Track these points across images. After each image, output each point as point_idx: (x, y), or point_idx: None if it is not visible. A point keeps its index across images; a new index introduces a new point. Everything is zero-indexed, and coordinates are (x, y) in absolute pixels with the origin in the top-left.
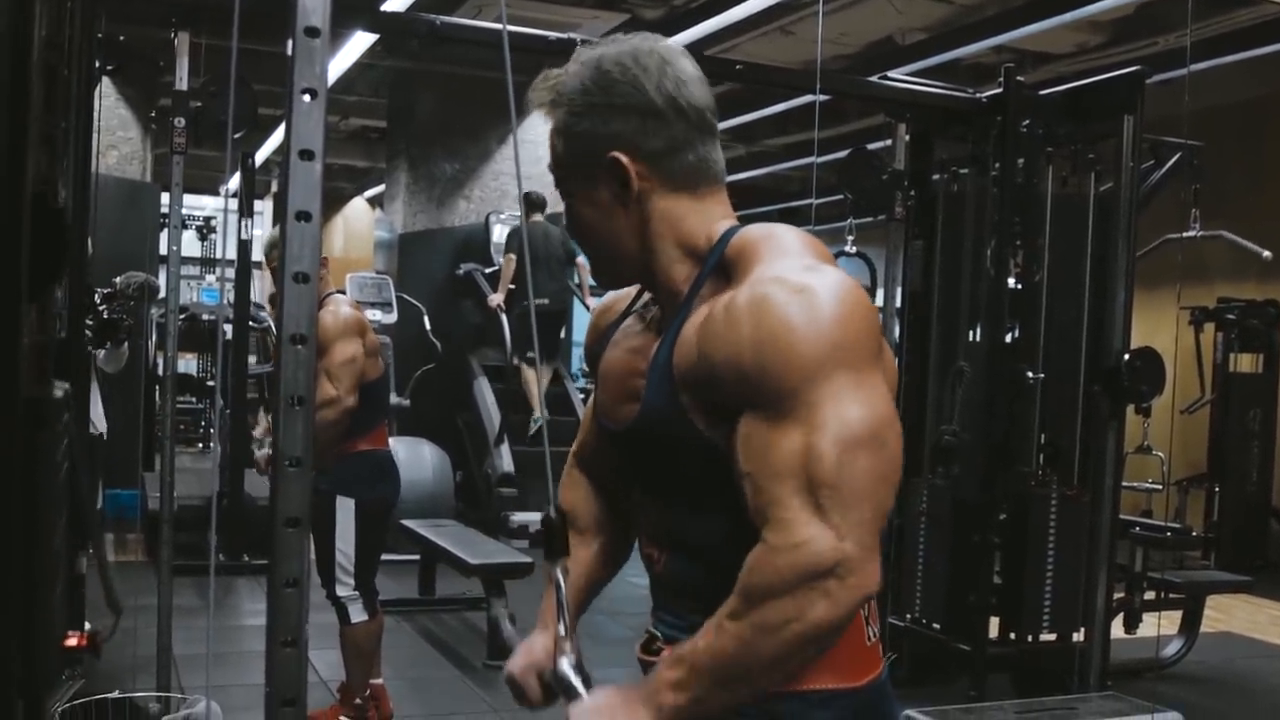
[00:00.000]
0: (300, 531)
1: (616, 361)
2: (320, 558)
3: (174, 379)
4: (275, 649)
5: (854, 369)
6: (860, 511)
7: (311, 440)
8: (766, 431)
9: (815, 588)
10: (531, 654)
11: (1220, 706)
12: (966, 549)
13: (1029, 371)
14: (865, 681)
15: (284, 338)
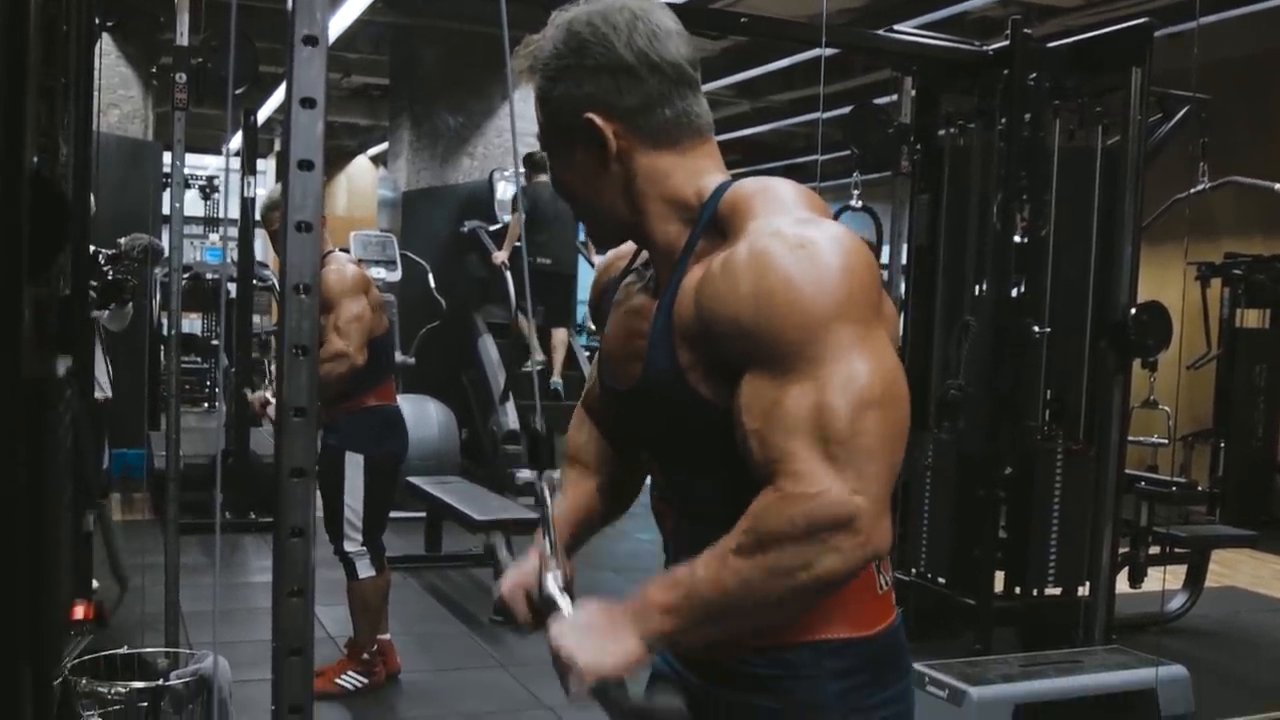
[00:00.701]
0: (305, 482)
1: (618, 323)
2: (328, 513)
3: (178, 338)
4: (281, 599)
5: (858, 323)
6: (874, 468)
7: (316, 391)
8: (772, 388)
9: (827, 540)
10: (522, 574)
11: (1224, 660)
12: (972, 504)
13: (1035, 326)
14: (877, 630)
15: (287, 287)
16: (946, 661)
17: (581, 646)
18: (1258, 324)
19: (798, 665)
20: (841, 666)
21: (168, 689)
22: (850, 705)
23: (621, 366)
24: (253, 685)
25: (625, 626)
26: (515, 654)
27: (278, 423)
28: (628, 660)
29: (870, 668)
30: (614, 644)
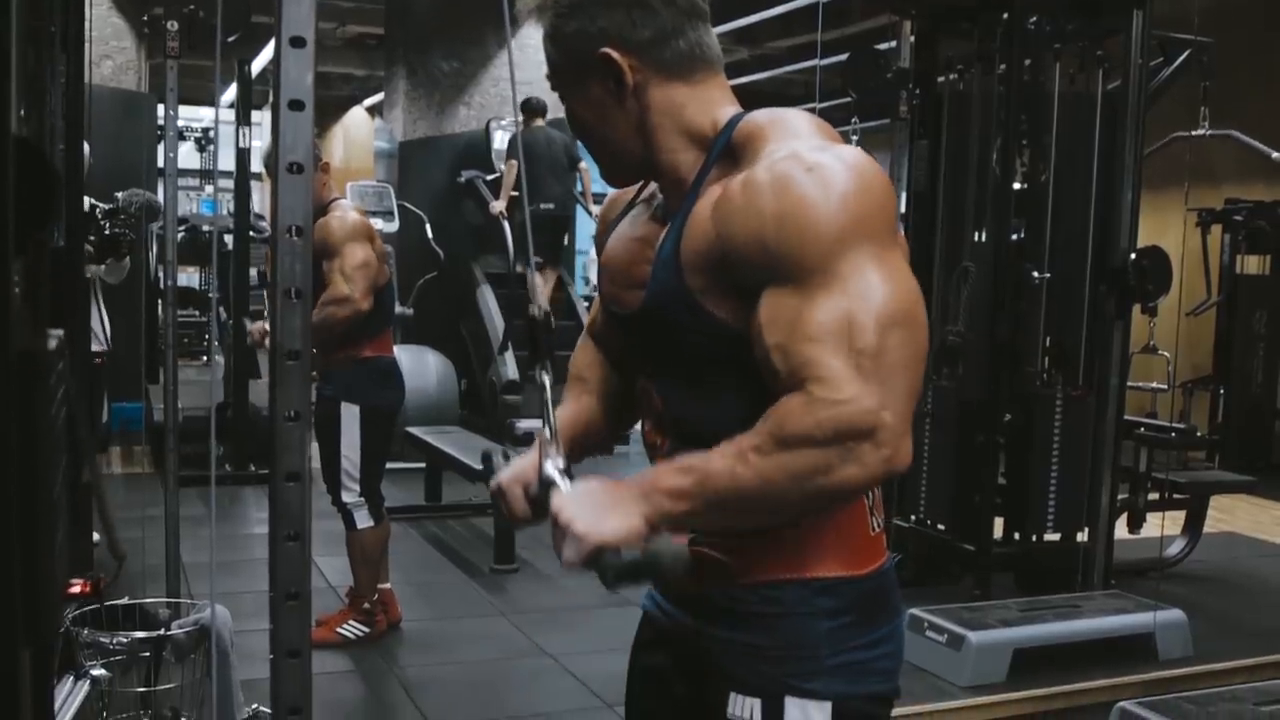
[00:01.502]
0: (300, 425)
1: (622, 249)
2: (326, 465)
3: (175, 291)
4: (278, 544)
5: (877, 242)
6: (899, 385)
7: (310, 334)
8: (796, 303)
9: (851, 448)
10: (518, 469)
11: (1223, 605)
12: (971, 450)
13: (1035, 272)
14: (869, 570)
15: (280, 229)
16: (945, 607)
17: (582, 514)
18: (1258, 270)
19: (789, 602)
20: (832, 605)
21: (169, 639)
22: (840, 643)
23: (625, 291)
24: (254, 635)
25: (630, 502)
26: (516, 602)
27: (272, 367)
28: (629, 531)
29: (861, 607)
30: (617, 514)
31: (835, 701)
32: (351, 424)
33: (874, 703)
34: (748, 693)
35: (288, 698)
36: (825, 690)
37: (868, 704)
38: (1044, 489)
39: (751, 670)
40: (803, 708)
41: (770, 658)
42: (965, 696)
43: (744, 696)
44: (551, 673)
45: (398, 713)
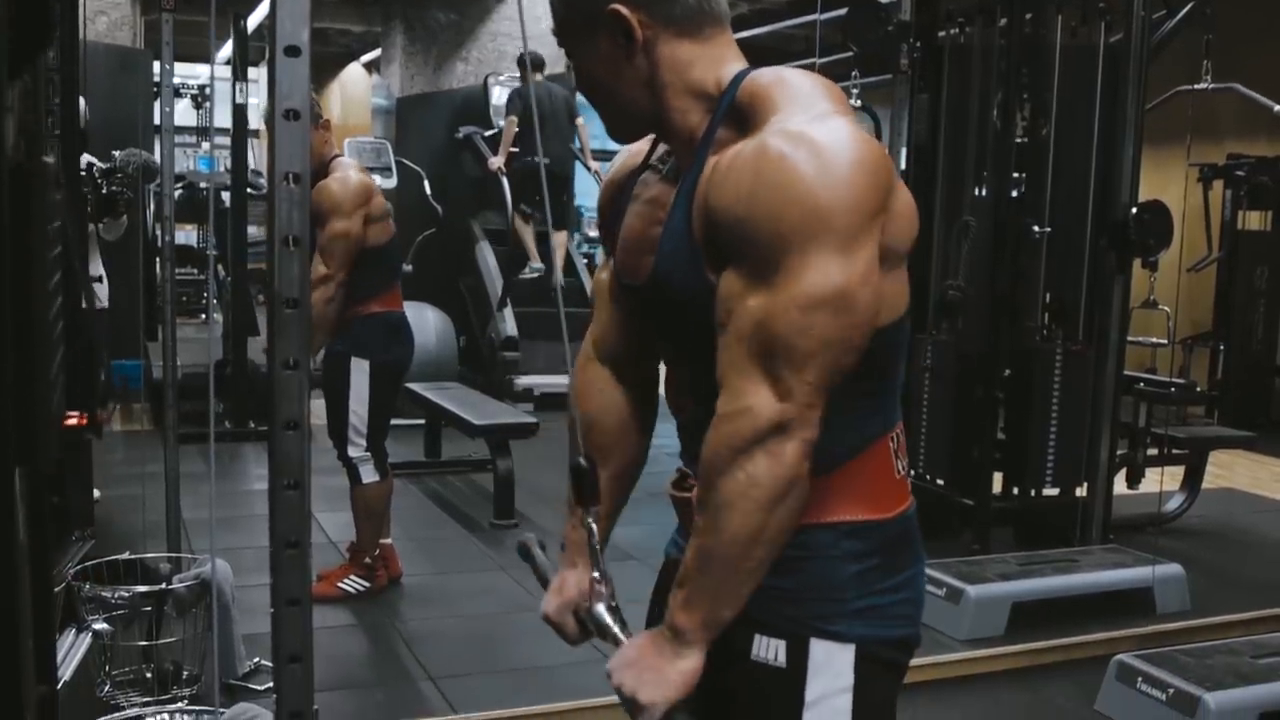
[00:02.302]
0: (298, 374)
1: (635, 216)
2: (333, 419)
3: (173, 249)
4: (278, 492)
5: (841, 233)
6: (809, 373)
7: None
8: (741, 290)
9: (759, 449)
10: (564, 593)
11: (1220, 560)
12: (970, 405)
13: (1035, 226)
14: (894, 514)
15: (277, 177)
16: (944, 561)
17: (640, 681)
18: (1259, 226)
19: (815, 546)
20: (858, 548)
21: (170, 593)
22: (865, 587)
23: (637, 259)
24: (255, 590)
25: (665, 644)
26: (515, 557)
27: (270, 315)
28: (684, 680)
29: (886, 551)
30: (666, 669)
31: (859, 644)
32: (361, 379)
33: (896, 647)
34: (772, 635)
35: (288, 646)
36: (849, 633)
37: (890, 648)
38: (1043, 444)
39: (776, 613)
40: (827, 650)
41: (795, 600)
42: (964, 649)
43: (768, 638)
44: None
45: (399, 666)
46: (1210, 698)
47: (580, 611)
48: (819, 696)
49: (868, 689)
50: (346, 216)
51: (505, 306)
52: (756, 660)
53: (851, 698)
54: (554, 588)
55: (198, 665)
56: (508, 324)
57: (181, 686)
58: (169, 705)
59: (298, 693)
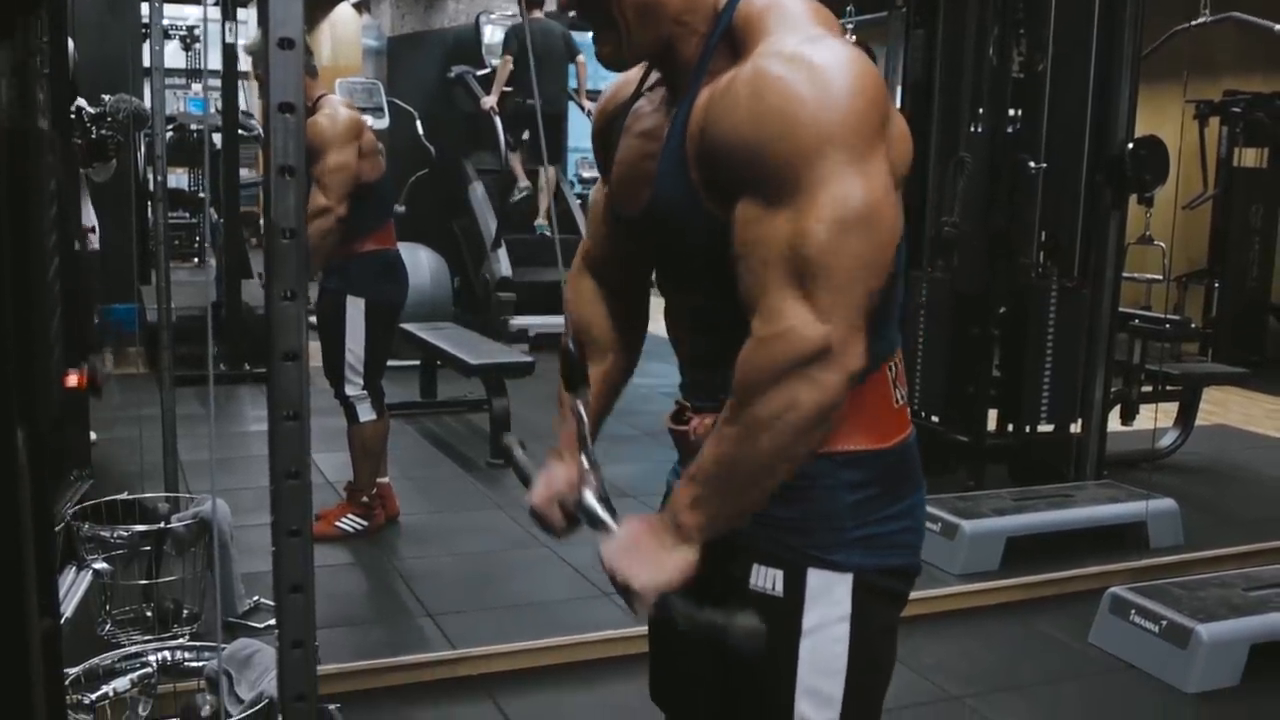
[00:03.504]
0: (297, 305)
1: (629, 148)
2: (329, 358)
3: (165, 192)
4: (278, 423)
5: (853, 148)
6: (848, 294)
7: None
8: (760, 215)
9: (801, 375)
10: (551, 485)
11: (1213, 495)
12: (966, 342)
13: (1031, 162)
14: (893, 443)
15: (271, 107)
16: (940, 497)
17: (634, 567)
18: (1255, 163)
19: (815, 475)
20: (857, 478)
21: (169, 532)
22: (863, 516)
23: (632, 191)
24: (253, 530)
25: (663, 533)
26: (512, 495)
27: (267, 246)
28: (680, 570)
29: (885, 480)
30: (663, 558)
31: (857, 573)
32: (356, 318)
33: (895, 576)
34: (770, 564)
35: (290, 576)
36: (847, 562)
37: (889, 577)
38: (1038, 381)
39: (774, 542)
40: (824, 579)
41: (793, 530)
42: (959, 584)
43: (766, 568)
44: (549, 563)
45: (397, 603)
46: (1203, 629)
47: (568, 503)
48: (816, 625)
49: (866, 617)
50: (340, 149)
51: (500, 247)
52: (754, 589)
53: (849, 626)
54: (541, 480)
55: (197, 604)
56: (502, 264)
57: (182, 625)
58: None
59: (299, 622)
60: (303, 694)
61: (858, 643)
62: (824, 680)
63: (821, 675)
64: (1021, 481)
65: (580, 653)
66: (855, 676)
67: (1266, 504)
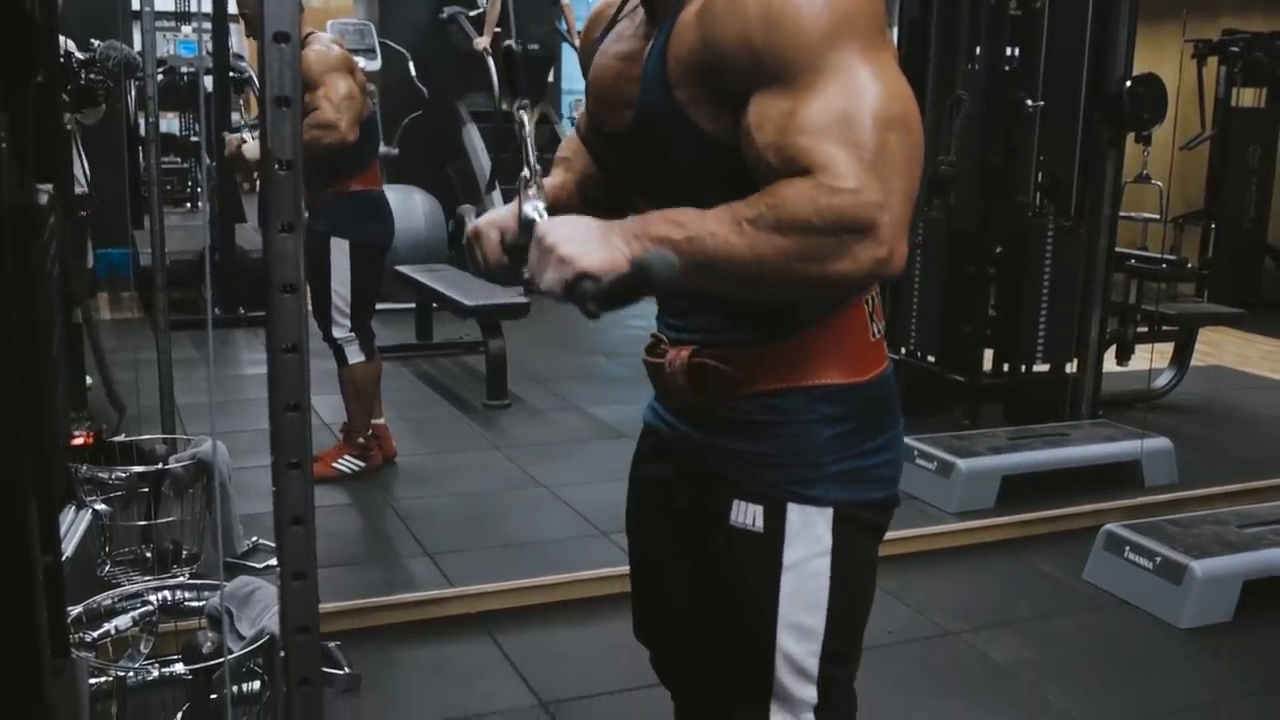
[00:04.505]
0: (294, 237)
1: (608, 68)
2: (316, 301)
3: (157, 137)
4: (276, 355)
5: (866, 39)
6: (898, 186)
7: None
8: (787, 103)
9: (848, 241)
10: (494, 214)
11: (1208, 434)
12: (962, 281)
13: (1028, 100)
14: (870, 377)
15: (267, 37)
16: (935, 436)
17: (569, 240)
18: (1254, 103)
19: (791, 410)
20: (834, 412)
21: (167, 473)
22: (841, 450)
23: (613, 110)
24: (251, 472)
25: (618, 239)
26: (509, 436)
27: (263, 177)
28: (613, 262)
29: (862, 414)
30: (603, 246)
31: (836, 507)
32: (342, 259)
33: (875, 509)
34: (750, 500)
35: (290, 509)
36: (826, 496)
37: (869, 510)
38: (1034, 320)
39: (754, 478)
40: (804, 513)
41: (772, 465)
42: (955, 521)
43: (746, 503)
44: (547, 502)
45: (396, 543)
46: (1197, 565)
47: (507, 232)
48: (798, 560)
49: (847, 551)
50: (342, 78)
51: (494, 189)
52: (735, 526)
53: (830, 560)
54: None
55: (196, 544)
56: (497, 207)
57: (181, 565)
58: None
59: (301, 554)
60: (305, 626)
61: (839, 576)
62: (805, 614)
63: (803, 609)
64: (1017, 421)
65: (577, 590)
66: (837, 609)
67: (1261, 443)
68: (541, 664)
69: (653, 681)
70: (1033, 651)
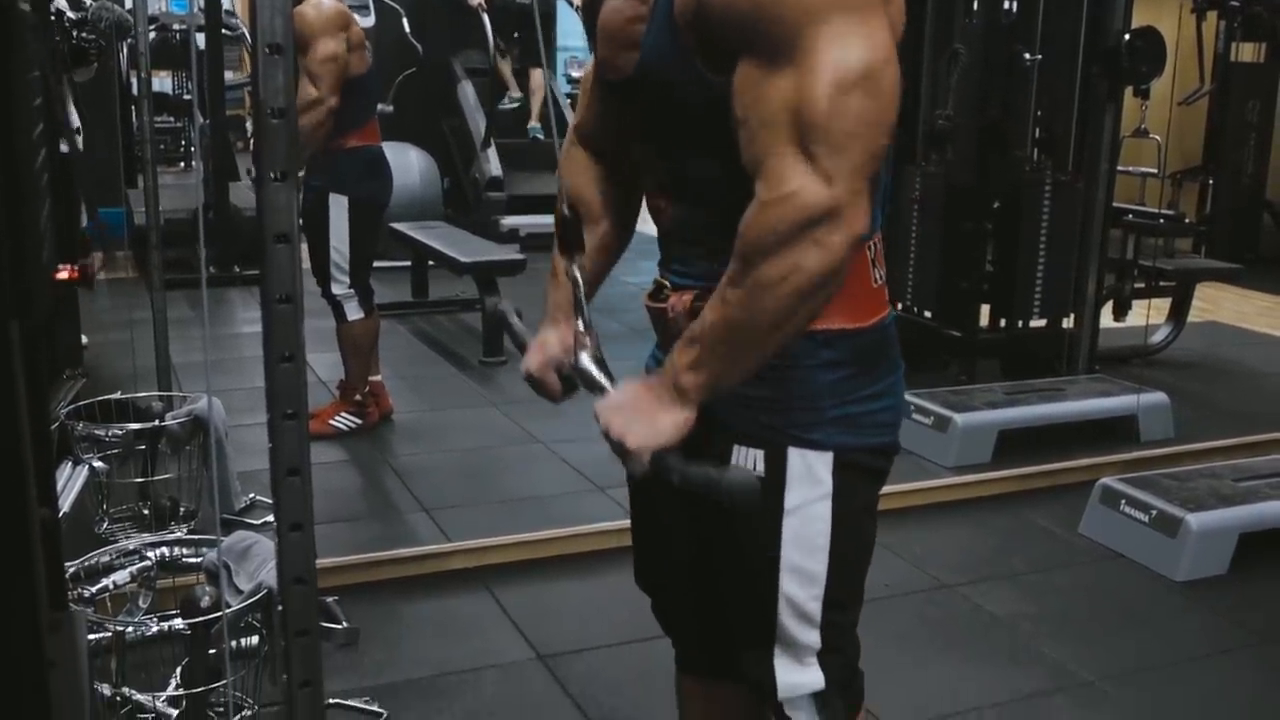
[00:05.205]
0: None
1: (615, 11)
2: (315, 257)
3: (150, 96)
4: (270, 306)
5: (855, 10)
6: (851, 155)
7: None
8: (761, 76)
9: (807, 237)
10: (546, 350)
11: (1204, 389)
12: (959, 236)
13: (1026, 53)
14: (871, 323)
15: None
16: (932, 390)
17: (630, 427)
18: (1253, 58)
19: (792, 355)
20: (835, 357)
21: (164, 430)
22: (842, 395)
23: (618, 55)
24: (248, 429)
25: (663, 393)
26: (506, 393)
27: (257, 127)
28: (676, 429)
29: (863, 359)
30: (660, 416)
31: (837, 452)
32: (340, 215)
33: (875, 454)
34: (750, 445)
35: (286, 460)
36: (827, 441)
37: (869, 455)
38: (1030, 276)
39: (754, 423)
40: (804, 458)
41: (773, 410)
42: (951, 476)
43: (747, 448)
44: (544, 458)
45: (393, 499)
46: (1192, 518)
47: (564, 368)
48: (798, 504)
49: (848, 495)
50: (329, 38)
51: (489, 146)
52: None
53: (831, 504)
54: (535, 345)
55: (194, 501)
56: (492, 164)
57: (179, 522)
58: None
59: (297, 506)
60: (302, 577)
61: (840, 521)
62: (808, 559)
63: (805, 554)
64: (1014, 376)
65: (574, 545)
66: (838, 554)
67: (1257, 398)
68: (539, 618)
69: (650, 634)
70: (1029, 604)
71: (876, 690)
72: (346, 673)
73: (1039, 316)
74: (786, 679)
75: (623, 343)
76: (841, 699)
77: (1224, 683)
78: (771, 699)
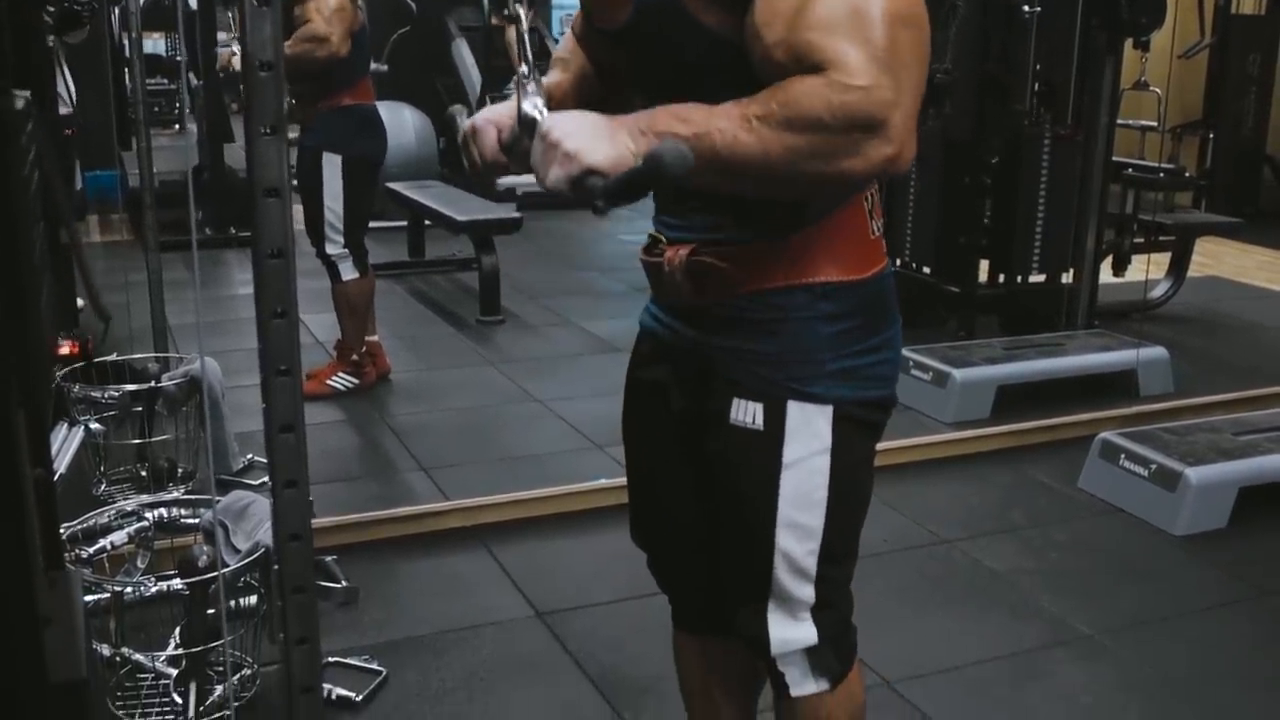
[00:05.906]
0: (277, 140)
1: None
2: (309, 217)
3: (141, 58)
4: (262, 261)
5: None
6: (909, 83)
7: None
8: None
9: (858, 139)
10: (491, 112)
11: (1204, 344)
12: (957, 191)
13: (1025, 5)
14: (869, 274)
15: None
16: (931, 346)
17: (575, 135)
18: (1254, 10)
19: (792, 308)
20: (834, 309)
21: (160, 391)
22: (841, 348)
23: (611, 7)
24: (244, 391)
25: (624, 134)
26: (503, 352)
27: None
28: (618, 158)
29: (862, 312)
30: (610, 141)
31: (836, 405)
32: (334, 174)
33: (873, 407)
34: (750, 398)
35: (280, 416)
36: (826, 394)
37: (867, 408)
38: (1030, 230)
39: (754, 375)
40: (804, 410)
41: (772, 363)
42: (951, 431)
43: (746, 401)
44: (541, 417)
45: (391, 458)
46: (1192, 473)
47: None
48: (797, 457)
49: (846, 448)
50: None
51: (485, 105)
52: (735, 424)
53: (829, 458)
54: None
55: (191, 462)
56: None
57: (176, 483)
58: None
59: (291, 462)
60: (297, 533)
61: (838, 474)
62: (805, 513)
63: (802, 508)
64: (1012, 331)
65: (571, 503)
66: (835, 508)
67: (1256, 353)
68: (537, 575)
69: (647, 591)
70: (1028, 559)
71: (876, 645)
72: (346, 631)
73: (1038, 271)
74: (780, 634)
75: (620, 301)
76: (834, 654)
77: (1223, 636)
78: (765, 655)
